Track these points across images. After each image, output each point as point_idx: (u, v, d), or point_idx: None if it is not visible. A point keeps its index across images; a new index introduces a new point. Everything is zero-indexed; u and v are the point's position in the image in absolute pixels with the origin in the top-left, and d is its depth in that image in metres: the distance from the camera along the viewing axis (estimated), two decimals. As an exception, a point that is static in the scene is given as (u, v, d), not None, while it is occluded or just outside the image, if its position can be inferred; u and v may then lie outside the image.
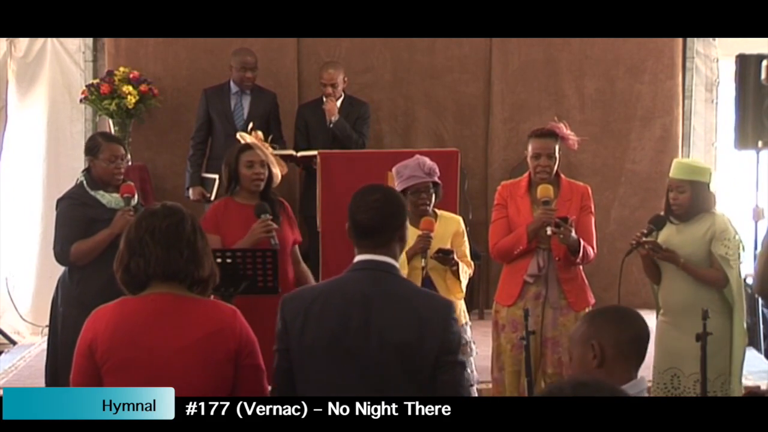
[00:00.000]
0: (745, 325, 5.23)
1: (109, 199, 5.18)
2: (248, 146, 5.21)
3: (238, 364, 3.14)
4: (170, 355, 3.07)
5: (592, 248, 5.27)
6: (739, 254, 5.17)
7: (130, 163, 5.81)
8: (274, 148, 5.37)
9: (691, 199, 5.12)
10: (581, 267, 5.33)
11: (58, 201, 5.32)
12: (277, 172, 5.24)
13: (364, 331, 3.18)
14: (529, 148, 5.28)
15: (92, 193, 5.19)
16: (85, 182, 5.24)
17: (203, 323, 3.12)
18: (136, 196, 5.21)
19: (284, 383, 3.23)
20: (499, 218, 5.35)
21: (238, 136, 5.29)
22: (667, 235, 5.17)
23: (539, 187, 5.19)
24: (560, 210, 5.18)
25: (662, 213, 5.26)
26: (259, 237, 4.98)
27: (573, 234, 5.11)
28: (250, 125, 5.41)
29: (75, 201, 5.22)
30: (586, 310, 5.26)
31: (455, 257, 5.19)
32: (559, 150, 5.29)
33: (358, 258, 3.30)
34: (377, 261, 3.27)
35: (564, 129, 5.33)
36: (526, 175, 5.36)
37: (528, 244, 5.18)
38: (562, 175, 5.37)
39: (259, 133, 5.27)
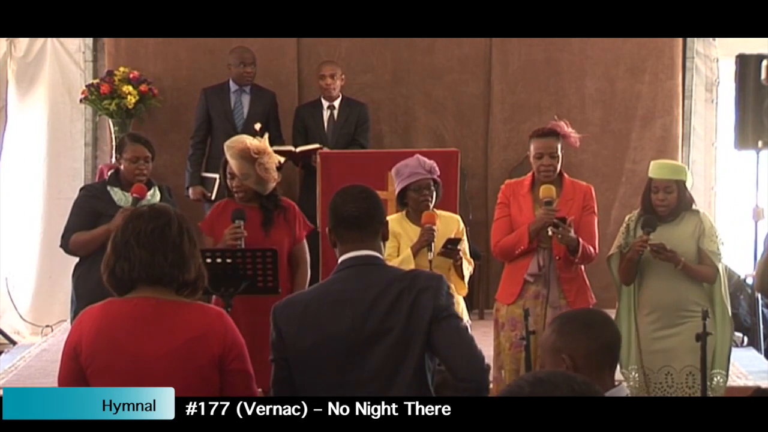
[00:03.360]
0: (730, 317, 5.25)
1: (120, 196, 5.28)
2: None
3: (224, 368, 3.10)
4: (152, 360, 3.05)
5: (594, 248, 5.26)
6: (720, 249, 5.22)
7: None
8: (278, 143, 5.35)
9: (678, 199, 5.15)
10: (582, 267, 5.33)
11: (79, 190, 5.56)
12: (268, 180, 5.14)
13: (360, 326, 3.20)
14: (531, 148, 5.28)
15: (108, 188, 5.33)
16: (109, 177, 5.45)
17: (186, 328, 3.09)
18: (153, 196, 5.25)
19: (283, 392, 3.23)
20: (501, 217, 5.35)
21: (225, 145, 5.22)
22: (653, 237, 5.16)
23: (541, 187, 5.19)
24: (562, 209, 5.18)
25: (636, 212, 5.28)
26: (228, 244, 4.97)
27: (572, 234, 5.11)
28: (258, 126, 5.39)
29: (88, 193, 5.43)
30: None
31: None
32: (562, 149, 5.29)
33: (343, 257, 3.32)
34: (362, 256, 3.29)
35: (565, 127, 5.34)
36: (529, 174, 5.37)
37: (529, 244, 5.19)
38: (566, 175, 5.37)
39: (249, 139, 5.17)
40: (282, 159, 5.31)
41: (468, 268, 5.31)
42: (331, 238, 3.37)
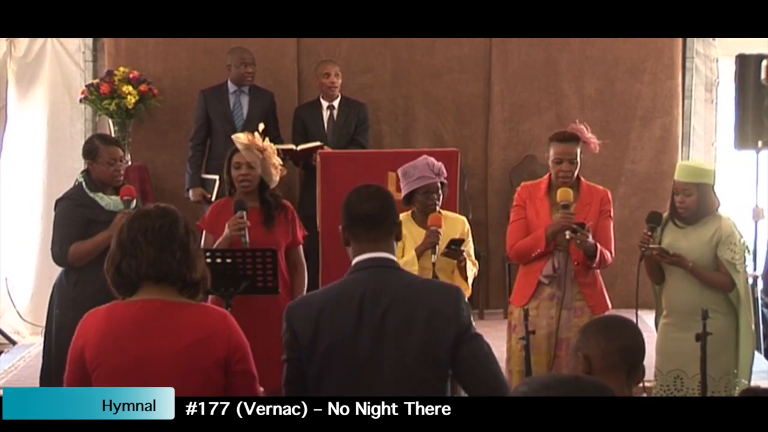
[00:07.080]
0: (753, 327, 5.20)
1: (107, 201, 5.17)
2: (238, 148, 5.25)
3: (228, 370, 3.11)
4: (158, 362, 3.06)
5: (611, 252, 5.23)
6: (744, 258, 5.15)
7: (129, 164, 5.81)
8: (277, 143, 5.41)
9: (698, 202, 5.08)
10: (599, 271, 5.30)
11: (57, 202, 5.33)
12: (274, 173, 5.24)
13: (379, 331, 3.16)
14: (551, 152, 5.23)
15: (91, 194, 5.19)
16: (84, 183, 5.24)
17: (191, 330, 3.09)
18: (135, 199, 5.21)
19: (296, 392, 3.20)
20: (517, 219, 5.32)
21: (233, 137, 5.31)
22: (673, 239, 5.13)
23: (559, 190, 5.14)
24: (579, 214, 5.14)
25: (665, 214, 5.23)
26: (232, 234, 5.00)
27: (590, 239, 5.09)
28: (261, 126, 5.42)
29: (73, 202, 5.22)
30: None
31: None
32: (581, 154, 5.26)
33: (357, 259, 3.27)
34: (377, 258, 3.24)
35: (585, 132, 5.30)
36: (546, 177, 5.33)
37: (546, 247, 5.15)
38: (583, 179, 5.34)
39: (255, 134, 5.26)
40: (281, 162, 5.34)
41: (472, 270, 5.30)
42: (344, 236, 3.31)
